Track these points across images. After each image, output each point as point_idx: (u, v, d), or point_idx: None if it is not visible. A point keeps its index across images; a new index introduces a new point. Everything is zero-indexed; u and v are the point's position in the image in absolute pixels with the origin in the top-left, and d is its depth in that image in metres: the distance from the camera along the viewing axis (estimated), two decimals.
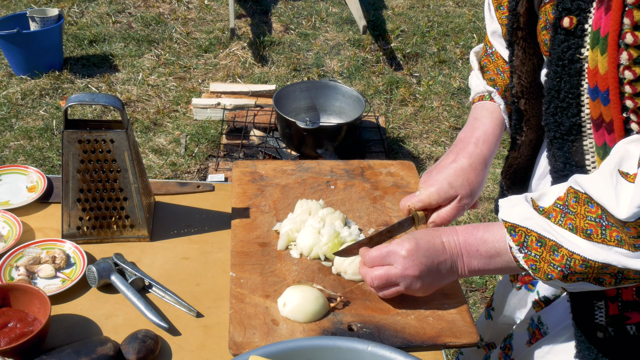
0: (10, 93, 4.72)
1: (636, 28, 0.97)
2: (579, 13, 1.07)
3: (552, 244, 1.10)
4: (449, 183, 1.45)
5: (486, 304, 1.80)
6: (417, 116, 4.76)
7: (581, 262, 1.06)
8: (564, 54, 1.10)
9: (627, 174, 1.00)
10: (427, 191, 1.47)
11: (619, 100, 1.03)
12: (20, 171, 1.76)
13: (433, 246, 1.29)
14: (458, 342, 1.33)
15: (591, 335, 1.21)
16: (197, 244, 1.59)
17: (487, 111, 1.52)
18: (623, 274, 1.05)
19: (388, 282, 1.32)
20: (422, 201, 1.47)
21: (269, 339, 1.30)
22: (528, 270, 1.15)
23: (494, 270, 1.25)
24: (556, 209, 1.11)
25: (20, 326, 1.26)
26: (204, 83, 5.01)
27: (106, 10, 5.92)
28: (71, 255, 1.50)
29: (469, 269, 1.27)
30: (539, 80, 1.39)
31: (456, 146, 1.51)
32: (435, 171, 1.49)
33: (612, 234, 1.02)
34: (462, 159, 1.47)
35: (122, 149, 1.47)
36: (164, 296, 1.43)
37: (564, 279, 1.10)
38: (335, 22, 5.90)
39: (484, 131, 1.50)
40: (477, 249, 1.25)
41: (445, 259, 1.28)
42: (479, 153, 1.47)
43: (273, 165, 1.81)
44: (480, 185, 1.48)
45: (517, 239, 1.15)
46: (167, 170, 4.08)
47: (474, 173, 1.46)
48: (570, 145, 1.16)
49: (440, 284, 1.32)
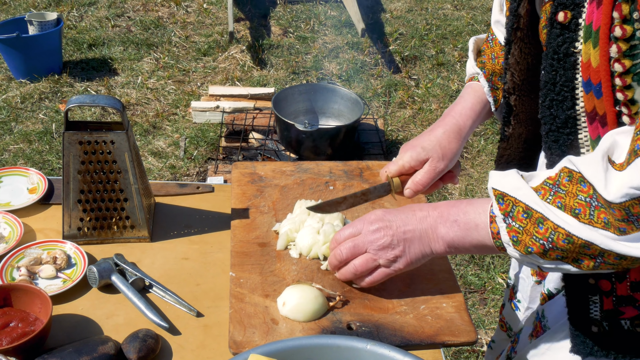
0: (10, 97, 4.73)
1: (625, 21, 0.99)
2: (574, 7, 1.09)
3: (539, 216, 1.10)
4: (422, 147, 1.53)
5: (509, 297, 1.80)
6: (415, 119, 4.77)
7: (565, 236, 1.06)
8: (559, 47, 1.13)
9: (615, 162, 1.02)
10: (402, 155, 1.55)
11: (611, 93, 1.05)
12: (21, 173, 1.77)
13: (403, 213, 1.33)
14: (456, 341, 1.34)
15: (586, 330, 1.22)
16: (197, 244, 1.60)
17: (471, 89, 1.61)
18: (603, 257, 1.05)
19: (356, 249, 1.34)
20: (397, 164, 1.55)
21: (268, 337, 1.31)
22: (508, 242, 1.14)
23: (468, 246, 1.26)
24: (545, 187, 1.12)
25: (21, 326, 1.27)
26: (203, 86, 5.03)
27: (105, 14, 5.93)
28: (72, 256, 1.51)
29: (443, 241, 1.28)
30: (531, 78, 1.41)
31: (438, 120, 1.60)
32: (412, 140, 1.58)
33: (599, 216, 1.03)
34: (438, 129, 1.56)
35: (123, 150, 1.48)
36: (164, 296, 1.44)
37: (543, 255, 1.10)
38: (333, 25, 5.92)
39: (463, 106, 1.59)
40: (455, 219, 1.26)
41: (413, 228, 1.31)
42: (454, 123, 1.56)
43: (272, 166, 1.82)
44: (454, 153, 1.55)
45: (503, 207, 1.15)
46: (167, 173, 4.09)
47: (446, 139, 1.54)
48: (565, 138, 1.18)
49: (415, 257, 1.32)
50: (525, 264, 1.19)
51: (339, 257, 1.38)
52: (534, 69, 1.41)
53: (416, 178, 1.53)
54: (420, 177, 1.53)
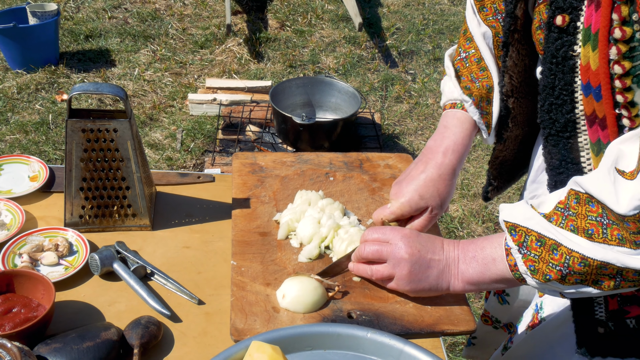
0: (6, 87, 4.72)
1: (624, 23, 0.99)
2: (571, 11, 1.09)
3: (552, 242, 1.10)
4: (420, 195, 1.46)
5: (494, 291, 1.81)
6: (412, 113, 4.78)
7: (580, 260, 1.06)
8: (557, 51, 1.13)
9: (624, 171, 1.01)
10: (398, 203, 1.48)
11: (611, 96, 1.05)
12: (22, 161, 1.78)
13: (432, 242, 1.32)
14: (456, 330, 1.35)
15: (592, 331, 1.22)
16: (198, 233, 1.61)
17: (457, 120, 1.51)
18: (622, 274, 1.04)
19: (379, 255, 1.34)
20: (394, 213, 1.49)
21: (270, 325, 1.32)
22: (526, 272, 1.14)
23: (488, 282, 1.25)
24: (557, 212, 1.11)
25: (24, 311, 1.28)
26: (200, 79, 5.02)
27: (102, 6, 5.91)
28: (74, 244, 1.52)
29: (462, 278, 1.28)
30: (529, 80, 1.42)
31: (425, 155, 1.51)
32: (405, 182, 1.50)
33: (613, 233, 1.03)
34: (431, 170, 1.47)
35: (125, 139, 1.48)
36: (166, 284, 1.45)
37: (562, 280, 1.10)
38: (331, 19, 5.92)
39: (453, 141, 1.49)
40: (474, 255, 1.26)
41: (439, 259, 1.30)
42: (447, 163, 1.47)
43: (272, 157, 1.83)
44: (449, 195, 1.49)
45: (517, 238, 1.15)
46: (163, 165, 4.09)
47: (443, 184, 1.47)
48: (565, 142, 1.18)
49: (428, 286, 1.32)
50: (547, 292, 1.18)
51: (361, 254, 1.38)
52: (531, 70, 1.42)
53: (415, 225, 1.49)
54: (419, 224, 1.49)
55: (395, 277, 1.33)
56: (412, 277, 1.31)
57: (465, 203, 3.96)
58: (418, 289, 1.33)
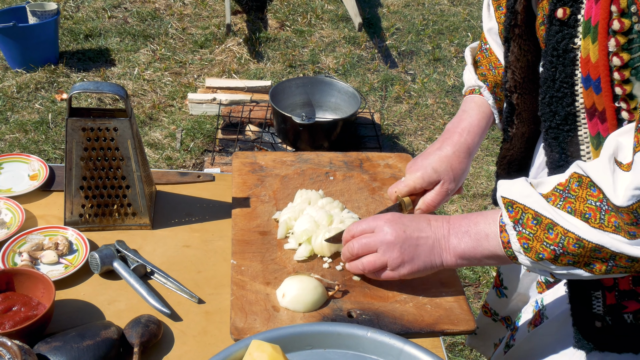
0: (6, 86, 4.72)
1: (623, 15, 1.00)
2: (572, 4, 1.10)
3: (548, 222, 1.10)
4: (433, 168, 1.51)
5: (493, 284, 1.82)
6: (411, 113, 4.78)
7: (575, 240, 1.07)
8: (558, 44, 1.14)
9: (622, 163, 1.02)
10: (413, 176, 1.53)
11: (610, 89, 1.06)
12: (22, 159, 1.78)
13: (417, 220, 1.34)
14: (456, 330, 1.35)
15: (589, 325, 1.23)
16: (198, 232, 1.61)
17: (475, 104, 1.59)
18: (615, 260, 1.05)
19: (367, 247, 1.35)
20: (408, 185, 1.53)
21: (269, 324, 1.32)
22: (519, 249, 1.15)
23: (479, 257, 1.26)
24: (555, 194, 1.12)
25: (24, 310, 1.28)
26: (199, 78, 5.02)
27: (102, 5, 5.91)
28: (74, 242, 1.52)
29: (454, 252, 1.29)
30: (532, 75, 1.42)
31: (443, 136, 1.58)
32: (420, 158, 1.55)
33: (610, 219, 1.04)
34: (447, 147, 1.54)
35: (126, 137, 1.48)
36: (166, 283, 1.45)
37: (555, 260, 1.10)
38: (330, 20, 5.92)
39: (469, 122, 1.57)
40: (467, 230, 1.27)
41: (427, 235, 1.31)
42: (463, 142, 1.54)
43: (272, 156, 1.83)
44: (464, 172, 1.54)
45: (513, 215, 1.15)
46: (163, 165, 4.09)
47: (457, 160, 1.53)
48: (565, 135, 1.19)
49: (423, 265, 1.32)
50: (537, 272, 1.19)
51: (350, 251, 1.39)
52: (534, 66, 1.42)
53: (427, 199, 1.53)
54: (432, 199, 1.53)
55: (388, 263, 1.34)
56: (403, 258, 1.32)
57: (464, 203, 3.96)
58: (413, 269, 1.33)
